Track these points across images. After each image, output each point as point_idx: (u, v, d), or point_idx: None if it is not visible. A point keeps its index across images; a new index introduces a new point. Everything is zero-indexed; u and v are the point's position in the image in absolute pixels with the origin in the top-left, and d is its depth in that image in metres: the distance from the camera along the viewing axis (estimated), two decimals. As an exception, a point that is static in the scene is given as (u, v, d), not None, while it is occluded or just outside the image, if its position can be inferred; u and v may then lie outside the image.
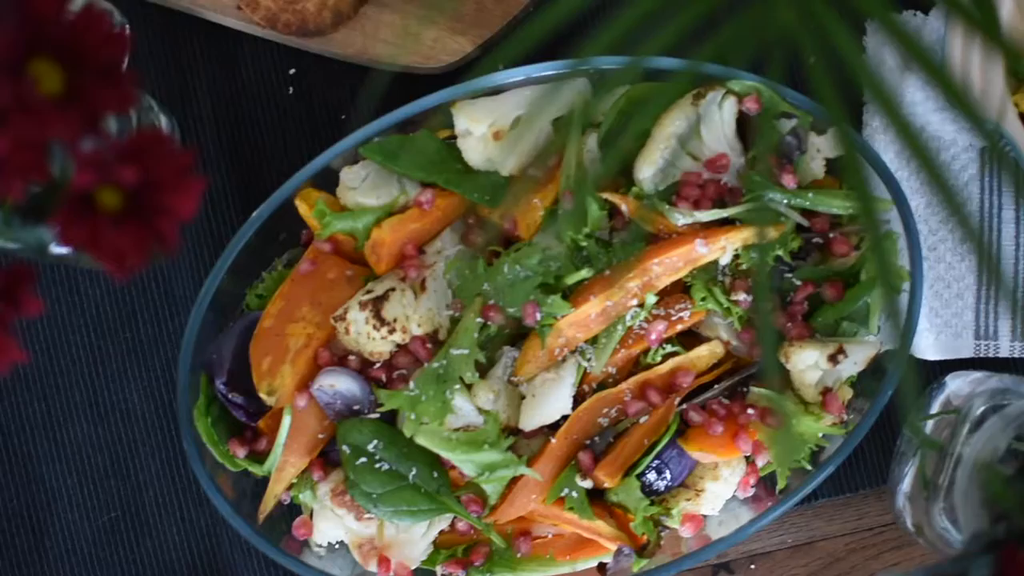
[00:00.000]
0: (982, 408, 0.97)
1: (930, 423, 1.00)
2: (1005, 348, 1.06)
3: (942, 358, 1.06)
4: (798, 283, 0.99)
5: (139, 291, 1.07)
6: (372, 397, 0.98)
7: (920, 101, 1.04)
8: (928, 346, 1.05)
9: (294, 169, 0.99)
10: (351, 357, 0.99)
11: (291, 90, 1.07)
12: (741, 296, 0.98)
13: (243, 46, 1.06)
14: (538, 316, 0.96)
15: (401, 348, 0.98)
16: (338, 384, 0.98)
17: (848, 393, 0.99)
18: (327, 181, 1.00)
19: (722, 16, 0.67)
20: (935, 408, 1.00)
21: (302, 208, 0.99)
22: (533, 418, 0.97)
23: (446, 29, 1.03)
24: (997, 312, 1.05)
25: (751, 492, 1.01)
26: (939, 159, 1.01)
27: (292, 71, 1.07)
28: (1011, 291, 1.04)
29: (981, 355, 1.06)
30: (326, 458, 1.01)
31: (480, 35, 1.03)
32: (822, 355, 0.97)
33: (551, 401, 0.97)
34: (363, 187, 1.00)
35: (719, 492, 1.00)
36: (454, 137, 1.00)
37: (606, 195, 0.97)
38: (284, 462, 1.00)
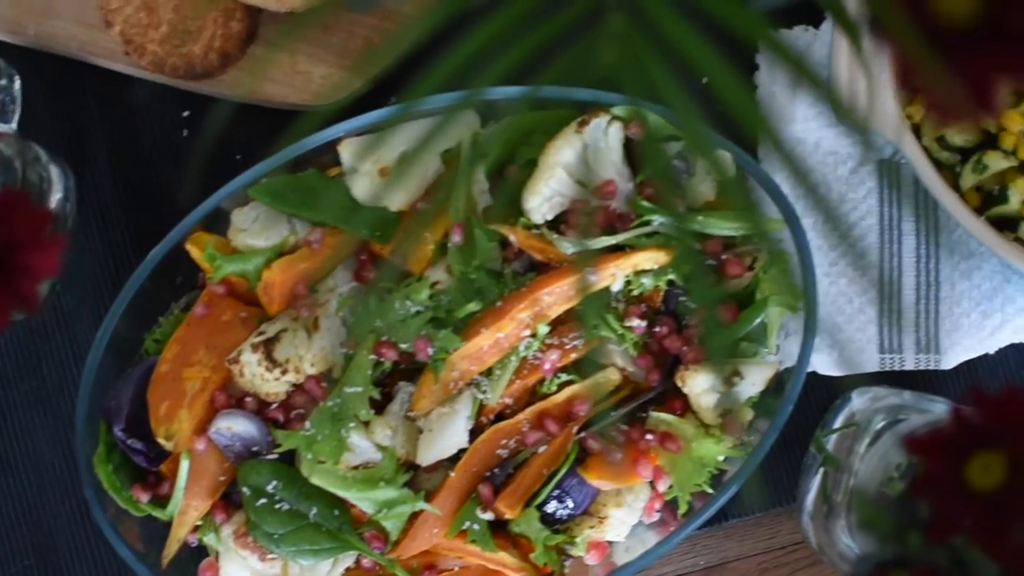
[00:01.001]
0: (881, 424, 0.97)
1: (832, 440, 1.00)
2: (911, 361, 1.05)
3: (847, 373, 1.05)
4: (692, 306, 0.98)
5: (43, 338, 1.08)
6: (270, 438, 0.98)
7: (814, 116, 1.04)
8: (832, 362, 1.05)
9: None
10: (248, 399, 0.99)
11: (186, 132, 1.07)
12: (635, 322, 0.98)
13: (136, 91, 1.06)
14: (430, 351, 0.96)
15: (297, 388, 0.98)
16: (235, 426, 0.98)
17: (749, 414, 0.99)
18: (221, 223, 1.00)
19: (557, 48, 0.67)
20: (839, 424, 1.00)
21: (193, 252, 0.99)
22: (430, 452, 0.97)
23: (335, 66, 1.03)
24: (900, 325, 1.05)
25: (656, 517, 1.01)
26: (826, 189, 1.00)
27: (186, 113, 1.07)
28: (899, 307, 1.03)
29: (887, 369, 1.05)
30: (229, 500, 1.01)
31: (374, 72, 1.03)
32: (718, 378, 0.97)
33: (447, 435, 0.97)
34: (253, 228, 1.00)
35: (623, 518, 1.00)
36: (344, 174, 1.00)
37: (495, 227, 0.97)
38: (186, 506, 1.00)
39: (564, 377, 0.99)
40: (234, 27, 1.01)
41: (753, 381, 0.98)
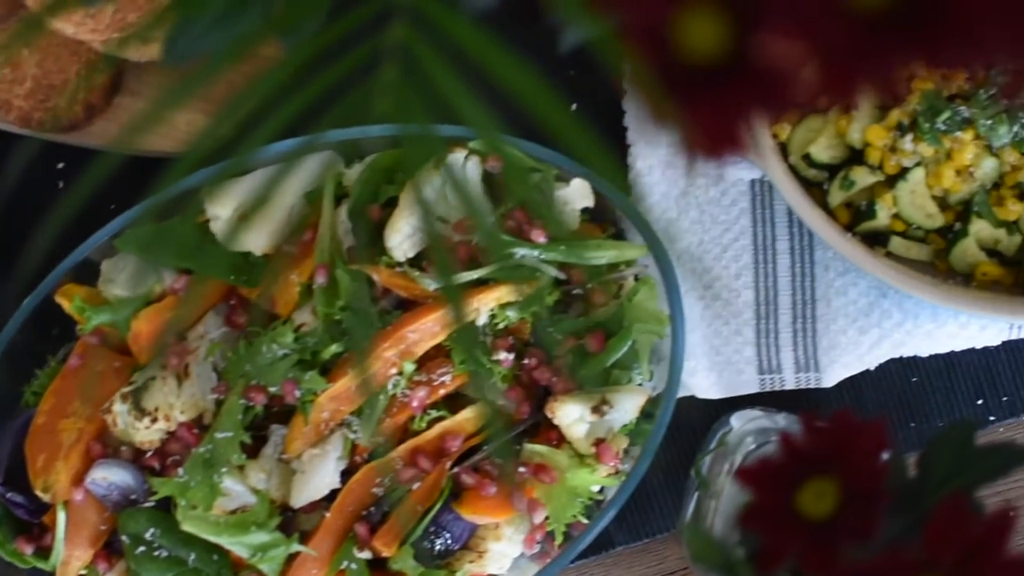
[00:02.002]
0: (751, 447, 0.96)
1: (707, 463, 0.99)
2: (791, 380, 1.05)
3: (726, 395, 1.05)
4: (559, 337, 0.98)
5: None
6: (146, 486, 0.99)
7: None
8: (711, 385, 1.05)
9: (70, 264, 1.00)
10: (124, 448, 1.00)
11: (61, 184, 1.08)
12: (503, 355, 0.98)
13: (10, 145, 1.07)
14: (297, 393, 0.96)
15: (171, 435, 0.99)
16: (111, 476, 0.99)
17: (624, 441, 0.99)
18: (93, 274, 1.01)
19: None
20: (712, 448, 1.00)
21: (64, 304, 1.00)
22: (302, 494, 0.98)
23: (199, 111, 1.04)
24: (778, 345, 1.05)
25: (538, 548, 1.01)
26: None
27: (61, 165, 1.08)
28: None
29: (767, 389, 1.05)
30: (111, 548, 1.02)
31: (239, 115, 1.04)
32: (586, 408, 0.97)
33: (318, 476, 0.97)
34: (121, 278, 1.00)
35: (504, 551, 1.00)
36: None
37: (358, 267, 0.98)
38: (68, 556, 1.00)
39: (435, 413, 0.99)
40: (97, 79, 1.02)
41: (625, 408, 0.98)
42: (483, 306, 0.97)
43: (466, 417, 0.99)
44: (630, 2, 0.53)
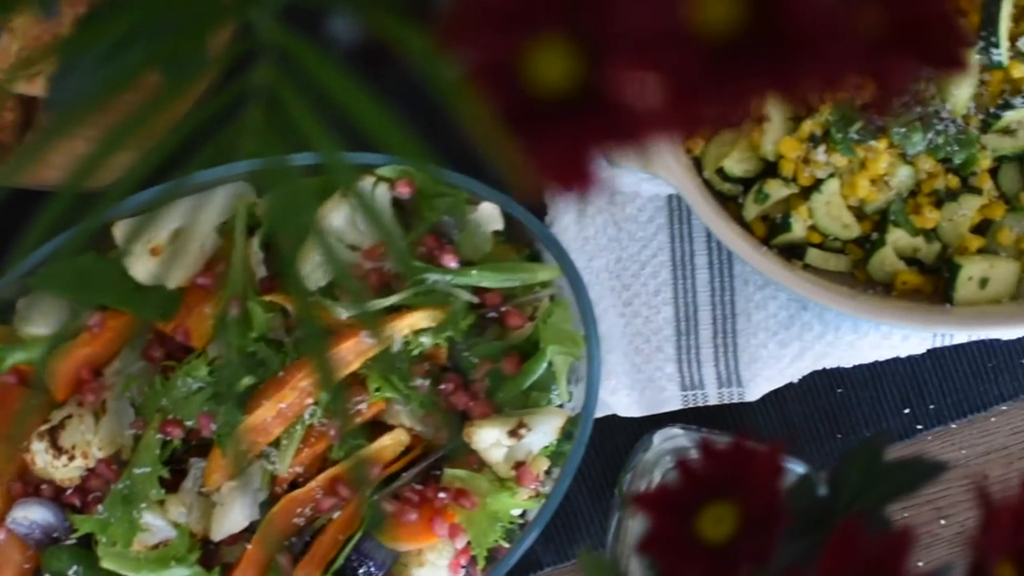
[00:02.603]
0: (669, 465, 0.96)
1: (628, 482, 0.99)
2: (713, 396, 1.05)
3: (649, 413, 1.04)
4: (476, 361, 0.98)
5: None
6: (67, 524, 0.99)
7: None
8: (633, 403, 1.04)
9: (-16, 306, 1.00)
10: (44, 486, 0.99)
11: (-21, 223, 1.07)
12: (419, 381, 0.97)
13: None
14: (213, 427, 0.96)
15: (91, 472, 0.98)
16: (32, 515, 0.98)
17: (545, 463, 0.98)
18: (9, 313, 1.01)
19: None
20: (632, 467, 0.99)
21: (-23, 344, 1.00)
22: (223, 527, 0.97)
23: (134, 148, 1.03)
24: (699, 361, 1.04)
25: (462, 573, 1.00)
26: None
27: (-22, 203, 1.07)
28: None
29: (691, 405, 1.05)
30: (36, 587, 1.01)
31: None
32: (503, 431, 0.96)
33: (237, 508, 0.97)
34: (35, 316, 1.00)
35: (428, 577, 1.00)
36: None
37: (271, 297, 0.97)
38: (-7, 597, 1.00)
39: (353, 442, 0.98)
40: (7, 116, 1.02)
41: (544, 430, 0.97)
42: (397, 333, 0.96)
43: (384, 444, 0.98)
44: (478, 39, 0.52)
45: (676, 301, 1.04)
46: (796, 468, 0.96)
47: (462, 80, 0.56)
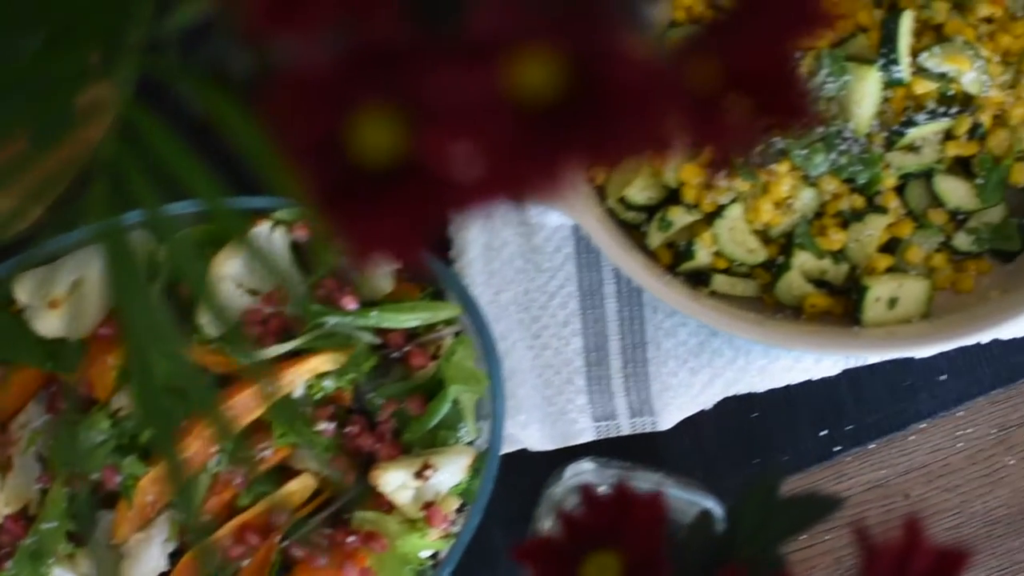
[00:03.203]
0: (577, 502, 0.95)
1: (540, 518, 0.98)
2: (626, 426, 1.04)
3: (562, 446, 1.04)
4: (381, 402, 0.97)
5: None
6: (-24, 582, 0.98)
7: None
8: (545, 437, 1.03)
9: None
10: (-47, 544, 0.99)
11: None
12: (323, 425, 0.97)
13: None
14: (118, 479, 0.95)
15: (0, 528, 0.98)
16: (-59, 574, 0.98)
17: (455, 502, 0.97)
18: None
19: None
20: (542, 503, 0.99)
21: None
22: (132, 579, 0.97)
23: (17, 196, 1.02)
24: (611, 391, 1.03)
25: (377, 615, 1.00)
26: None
27: None
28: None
29: (604, 437, 1.04)
30: (-49, 646, 1.01)
31: (52, 197, 1.03)
32: (408, 473, 0.96)
33: (147, 560, 0.96)
34: (-63, 374, 0.99)
35: (342, 620, 0.99)
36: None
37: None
38: (-93, 657, 1.00)
39: (260, 488, 0.98)
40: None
41: (452, 469, 0.97)
42: (299, 378, 0.96)
43: (291, 490, 0.98)
44: (298, 114, 0.51)
45: (585, 332, 1.03)
46: (703, 502, 0.95)
47: (282, 156, 0.55)
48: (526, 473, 1.04)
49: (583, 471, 0.98)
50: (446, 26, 0.50)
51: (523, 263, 1.04)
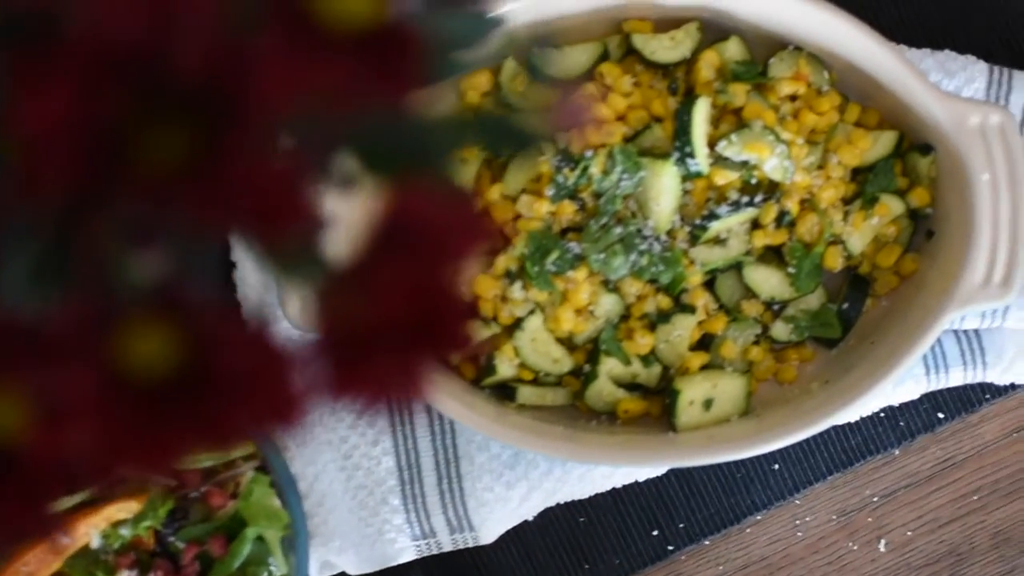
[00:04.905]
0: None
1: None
2: (447, 542, 1.01)
3: (382, 567, 1.01)
4: (182, 545, 0.95)
5: None
6: None
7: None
8: (363, 560, 1.01)
9: None
10: None
11: None
12: (125, 573, 0.94)
13: None
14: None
15: None
16: None
17: (267, 640, 0.95)
18: None
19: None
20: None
21: None
22: None
23: None
24: (427, 509, 1.00)
25: None
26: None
27: None
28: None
29: (426, 554, 1.01)
30: None
31: None
32: (211, 617, 0.94)
33: None
34: None
35: None
36: None
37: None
38: None
39: (66, 640, 0.96)
40: None
41: (260, 609, 0.94)
42: (93, 528, 0.93)
43: (97, 642, 0.96)
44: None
45: (396, 449, 1.00)
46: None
47: None
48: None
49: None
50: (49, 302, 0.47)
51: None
